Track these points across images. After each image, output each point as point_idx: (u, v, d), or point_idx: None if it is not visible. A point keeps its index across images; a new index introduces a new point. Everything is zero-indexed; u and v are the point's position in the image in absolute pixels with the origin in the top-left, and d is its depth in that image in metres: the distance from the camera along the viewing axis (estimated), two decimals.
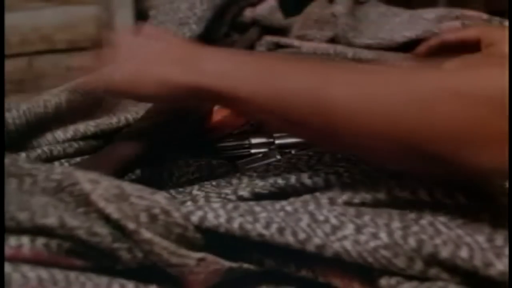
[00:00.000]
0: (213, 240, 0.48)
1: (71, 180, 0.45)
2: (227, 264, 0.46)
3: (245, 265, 0.48)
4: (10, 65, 1.48)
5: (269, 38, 1.10)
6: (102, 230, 0.44)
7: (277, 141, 0.74)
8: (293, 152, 0.71)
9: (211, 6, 1.01)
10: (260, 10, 1.13)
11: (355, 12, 1.16)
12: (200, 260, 0.45)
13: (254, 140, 0.75)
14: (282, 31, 1.15)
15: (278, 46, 1.08)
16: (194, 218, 0.47)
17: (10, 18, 1.42)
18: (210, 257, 0.45)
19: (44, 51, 1.56)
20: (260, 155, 0.72)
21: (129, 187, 0.46)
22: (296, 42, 1.08)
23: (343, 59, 1.00)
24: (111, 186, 0.45)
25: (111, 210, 0.44)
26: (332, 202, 0.50)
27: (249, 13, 1.12)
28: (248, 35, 1.08)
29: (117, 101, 0.80)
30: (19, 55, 1.53)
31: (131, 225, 0.44)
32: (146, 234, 0.44)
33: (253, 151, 0.75)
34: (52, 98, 0.73)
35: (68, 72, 1.58)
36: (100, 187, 0.45)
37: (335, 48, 1.02)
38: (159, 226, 0.45)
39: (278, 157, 0.69)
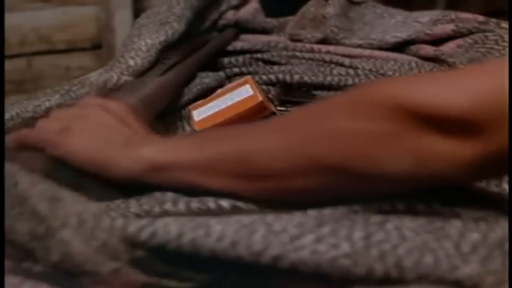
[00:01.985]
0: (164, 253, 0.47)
1: (13, 180, 0.45)
2: (143, 278, 0.45)
3: (164, 281, 0.46)
4: (9, 66, 1.48)
5: (265, 39, 1.11)
6: (22, 227, 0.44)
7: None
8: None
9: (189, 5, 1.02)
10: (243, 13, 1.14)
11: (350, 13, 1.16)
12: (115, 270, 0.44)
13: None
14: (266, 32, 1.16)
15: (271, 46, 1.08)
16: (144, 234, 0.46)
17: (9, 19, 1.42)
18: (125, 268, 0.45)
19: (44, 51, 1.56)
20: None
21: (66, 193, 0.46)
22: (288, 42, 1.08)
23: (339, 66, 1.00)
24: (49, 188, 0.46)
25: (42, 207, 0.44)
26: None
27: (231, 16, 1.12)
28: (224, 34, 1.08)
29: None
30: (18, 56, 1.54)
31: (54, 223, 0.43)
32: (65, 235, 0.43)
33: None
34: (42, 103, 0.74)
35: (67, 72, 1.59)
36: (38, 187, 0.45)
37: (331, 57, 1.02)
38: (86, 230, 0.45)
39: None
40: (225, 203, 0.53)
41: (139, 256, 0.46)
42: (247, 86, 0.79)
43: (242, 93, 0.78)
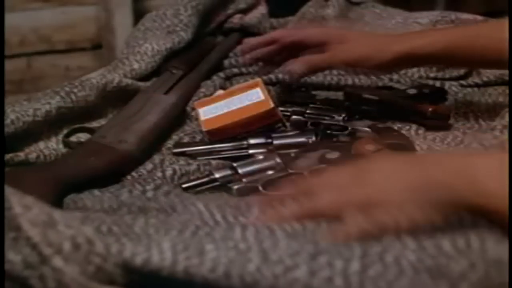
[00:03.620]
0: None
1: (7, 205, 0.45)
2: None
3: None
4: (9, 66, 1.48)
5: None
6: (15, 257, 0.43)
7: (275, 142, 0.75)
8: (292, 154, 0.71)
9: (195, 11, 1.02)
10: (250, 19, 1.14)
11: (349, 13, 1.17)
12: None
13: (253, 141, 0.76)
14: None
15: None
16: (138, 260, 0.46)
17: (9, 19, 1.42)
18: None
19: (43, 51, 1.56)
20: (260, 156, 0.71)
21: (60, 216, 0.46)
22: None
23: None
24: (42, 212, 0.45)
25: (33, 233, 0.43)
26: None
27: (237, 20, 1.13)
28: (228, 40, 1.09)
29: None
30: (18, 56, 1.54)
31: (46, 251, 0.43)
32: (58, 262, 0.43)
33: (251, 151, 0.75)
34: (42, 106, 0.74)
35: (67, 72, 1.59)
36: (31, 212, 0.44)
37: None
38: (80, 255, 0.44)
39: (278, 160, 0.70)
40: None
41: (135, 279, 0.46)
42: (258, 89, 0.78)
43: (253, 96, 0.78)
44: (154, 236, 0.49)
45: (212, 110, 0.78)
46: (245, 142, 0.76)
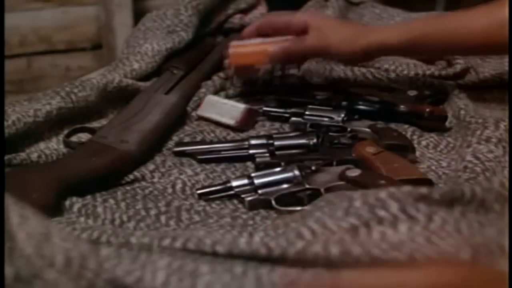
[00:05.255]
0: None
1: (6, 214, 0.44)
2: None
3: None
4: (9, 66, 1.49)
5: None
6: (8, 268, 0.42)
7: (276, 143, 0.75)
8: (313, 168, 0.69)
9: (196, 11, 1.03)
10: (250, 19, 1.14)
11: (349, 14, 1.17)
12: None
13: (254, 141, 0.76)
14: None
15: None
16: (130, 278, 0.46)
17: (9, 19, 1.43)
18: None
19: (44, 51, 1.56)
20: (279, 168, 0.69)
21: (57, 230, 0.46)
22: None
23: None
24: (39, 225, 0.45)
25: (26, 245, 0.43)
26: None
27: (237, 20, 1.13)
28: (228, 40, 1.09)
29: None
30: (18, 56, 1.54)
31: (38, 263, 0.42)
32: (51, 275, 0.43)
33: (251, 151, 0.76)
34: (43, 106, 0.74)
35: (67, 72, 1.59)
36: (28, 223, 0.44)
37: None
38: (72, 270, 0.43)
39: (297, 173, 0.66)
40: (220, 248, 0.50)
41: None
42: None
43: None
44: (150, 252, 0.49)
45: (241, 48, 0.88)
46: (246, 143, 0.76)
